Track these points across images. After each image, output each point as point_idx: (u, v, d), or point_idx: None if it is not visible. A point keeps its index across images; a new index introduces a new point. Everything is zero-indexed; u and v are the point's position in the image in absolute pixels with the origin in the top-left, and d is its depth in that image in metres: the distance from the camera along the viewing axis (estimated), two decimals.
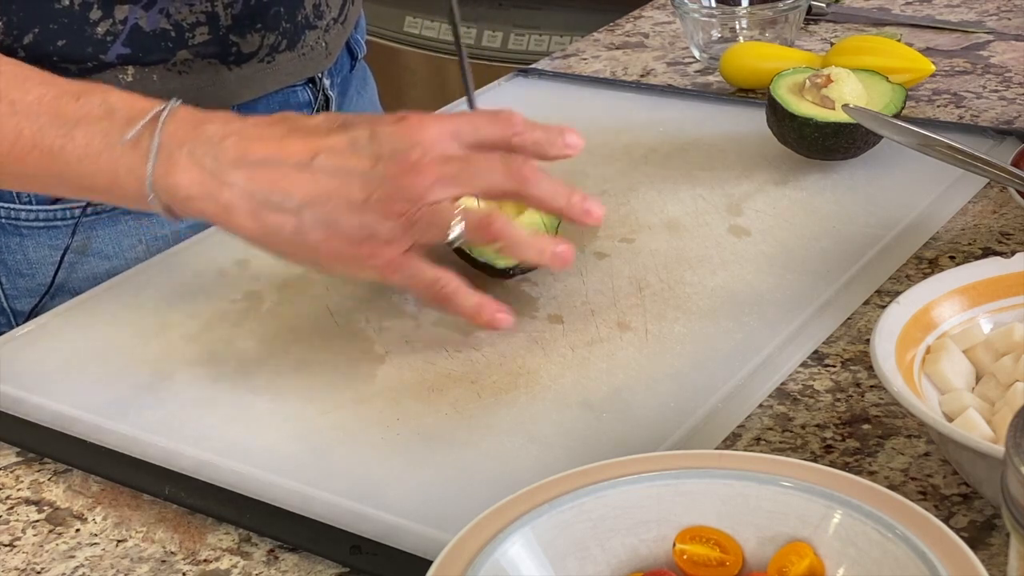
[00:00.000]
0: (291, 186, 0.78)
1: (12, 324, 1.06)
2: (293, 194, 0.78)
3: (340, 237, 0.78)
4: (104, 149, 0.82)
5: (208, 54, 1.02)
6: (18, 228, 1.03)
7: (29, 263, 1.04)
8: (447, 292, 0.81)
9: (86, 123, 0.83)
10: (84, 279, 1.05)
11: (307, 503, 0.72)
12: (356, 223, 0.77)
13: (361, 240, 0.78)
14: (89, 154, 0.82)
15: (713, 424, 0.75)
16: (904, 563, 0.55)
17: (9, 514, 0.75)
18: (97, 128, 0.82)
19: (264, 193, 0.79)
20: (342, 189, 0.77)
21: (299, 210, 0.78)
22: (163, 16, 0.98)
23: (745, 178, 1.03)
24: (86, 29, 0.96)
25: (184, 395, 0.83)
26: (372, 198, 0.77)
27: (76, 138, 0.82)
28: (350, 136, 0.79)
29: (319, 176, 0.78)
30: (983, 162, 0.87)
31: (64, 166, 0.83)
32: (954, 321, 0.73)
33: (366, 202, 0.77)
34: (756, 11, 1.27)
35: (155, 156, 0.80)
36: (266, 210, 0.78)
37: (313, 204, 0.78)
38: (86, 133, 0.82)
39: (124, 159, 0.81)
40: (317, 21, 1.08)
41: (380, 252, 0.78)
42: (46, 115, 0.83)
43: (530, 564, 0.58)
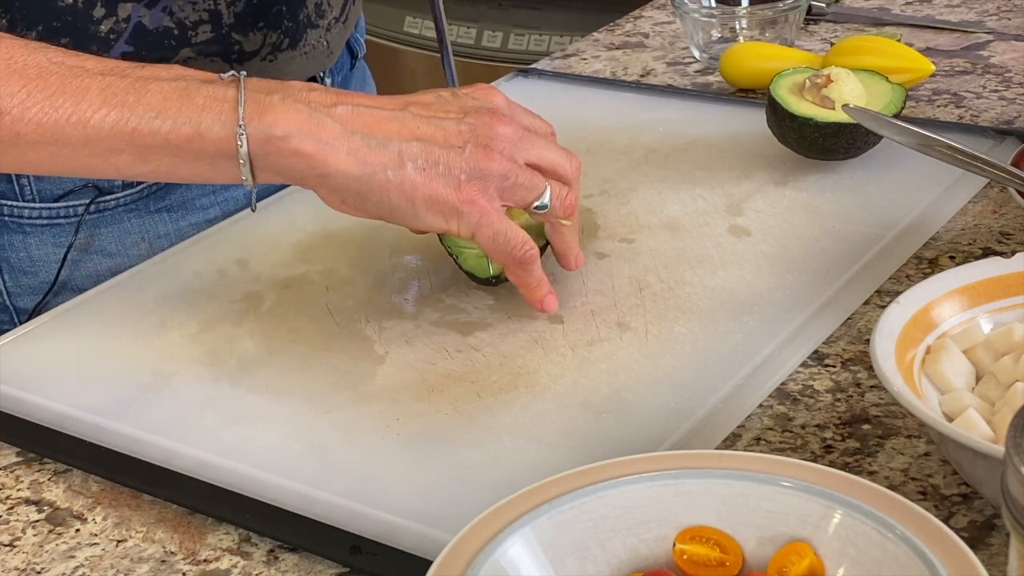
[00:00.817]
0: (390, 127, 0.79)
1: (15, 322, 1.06)
2: (393, 134, 0.79)
3: (441, 179, 0.79)
4: (184, 101, 0.79)
5: (210, 52, 1.02)
6: (21, 226, 1.03)
7: (32, 261, 1.05)
8: (529, 256, 0.83)
9: (157, 82, 0.79)
10: (87, 277, 1.05)
11: (307, 503, 0.72)
12: (454, 165, 0.79)
13: (461, 184, 0.79)
14: (167, 107, 0.78)
15: (713, 424, 0.75)
16: (904, 563, 0.55)
17: (9, 514, 0.75)
18: (171, 85, 0.79)
19: (365, 132, 0.79)
20: (439, 135, 0.79)
21: (400, 150, 0.78)
22: (166, 14, 0.98)
23: (745, 178, 1.03)
24: (89, 27, 0.97)
25: (184, 395, 0.83)
26: (468, 145, 0.80)
27: (151, 92, 0.79)
28: (434, 94, 0.83)
29: (415, 121, 0.80)
30: (983, 162, 0.87)
31: (139, 122, 0.78)
32: (954, 321, 0.73)
33: (463, 149, 0.79)
34: (756, 11, 1.27)
35: (244, 103, 0.78)
36: (367, 148, 0.78)
37: (413, 145, 0.79)
38: (160, 89, 0.79)
39: (208, 108, 0.79)
40: (319, 20, 1.09)
41: (478, 199, 0.79)
42: (111, 75, 0.79)
43: (530, 564, 0.58)
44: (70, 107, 0.78)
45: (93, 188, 1.03)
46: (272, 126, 0.78)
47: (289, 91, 0.80)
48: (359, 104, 0.80)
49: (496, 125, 0.81)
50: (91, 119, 0.78)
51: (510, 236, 0.81)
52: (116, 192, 1.04)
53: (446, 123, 0.80)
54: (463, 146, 0.80)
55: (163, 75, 0.80)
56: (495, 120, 0.81)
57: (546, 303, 0.85)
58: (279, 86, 0.80)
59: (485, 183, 0.80)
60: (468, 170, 0.79)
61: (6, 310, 1.06)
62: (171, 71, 0.81)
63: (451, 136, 0.80)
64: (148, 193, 1.05)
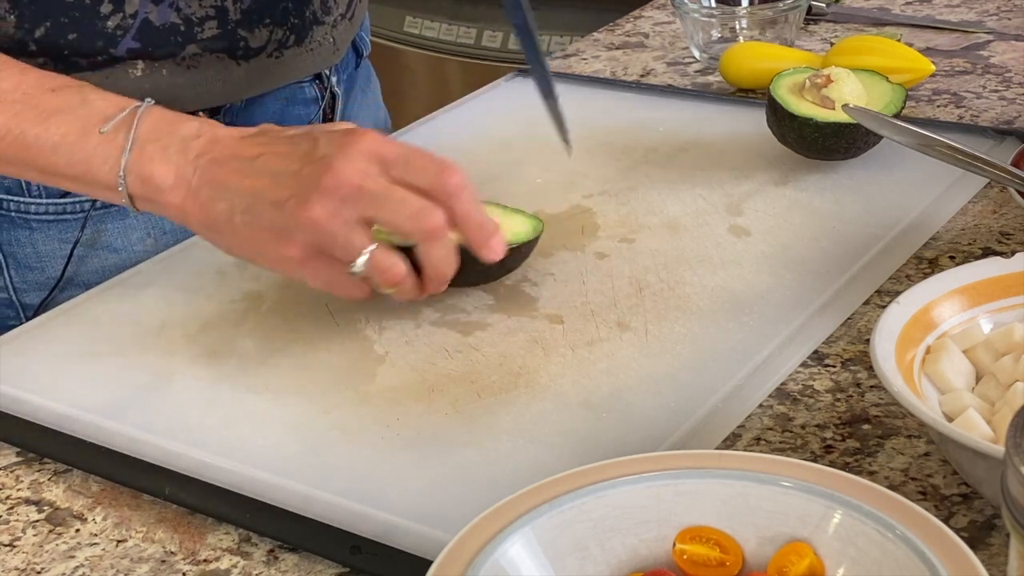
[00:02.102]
0: (231, 180, 0.83)
1: (21, 317, 1.07)
2: (231, 187, 0.83)
3: (260, 230, 0.82)
4: (80, 139, 0.86)
5: (216, 48, 1.02)
6: (28, 221, 1.04)
7: (39, 256, 1.05)
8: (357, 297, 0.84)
9: (62, 114, 0.86)
10: (93, 272, 1.05)
11: (307, 503, 0.72)
12: (271, 219, 0.81)
13: (276, 237, 0.81)
14: (64, 143, 0.86)
15: (713, 424, 0.75)
16: (904, 563, 0.55)
17: (9, 514, 0.75)
18: (73, 118, 0.86)
19: (215, 184, 0.83)
20: (269, 187, 0.81)
21: (233, 204, 0.82)
22: (173, 10, 0.99)
23: (745, 178, 1.03)
24: (97, 23, 0.97)
25: (184, 395, 0.83)
26: (291, 199, 0.80)
27: (51, 127, 0.86)
28: (297, 142, 0.83)
29: (255, 174, 0.82)
30: (983, 162, 0.87)
31: (37, 153, 0.87)
32: (954, 321, 0.73)
33: (286, 201, 0.81)
34: (756, 11, 1.27)
35: (130, 149, 0.85)
36: (212, 201, 0.83)
37: (244, 198, 0.82)
38: (62, 123, 0.86)
39: (99, 149, 0.86)
40: (325, 17, 1.09)
41: (289, 252, 0.81)
42: (21, 103, 0.87)
43: (530, 564, 0.58)
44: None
45: None
46: (147, 179, 0.85)
47: (174, 137, 0.85)
48: (221, 156, 0.84)
49: (324, 176, 0.79)
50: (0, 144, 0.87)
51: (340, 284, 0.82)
52: None
53: (281, 176, 0.81)
54: (285, 201, 0.80)
55: (70, 103, 0.87)
56: (323, 172, 0.80)
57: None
58: (165, 130, 0.85)
59: (302, 237, 0.80)
60: (285, 225, 0.81)
61: (12, 306, 1.07)
62: (80, 97, 0.87)
63: (279, 189, 0.81)
64: None
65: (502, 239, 0.84)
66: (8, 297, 1.07)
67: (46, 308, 1.04)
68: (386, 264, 0.81)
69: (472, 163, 1.09)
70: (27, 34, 0.97)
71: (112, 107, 0.87)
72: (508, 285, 0.90)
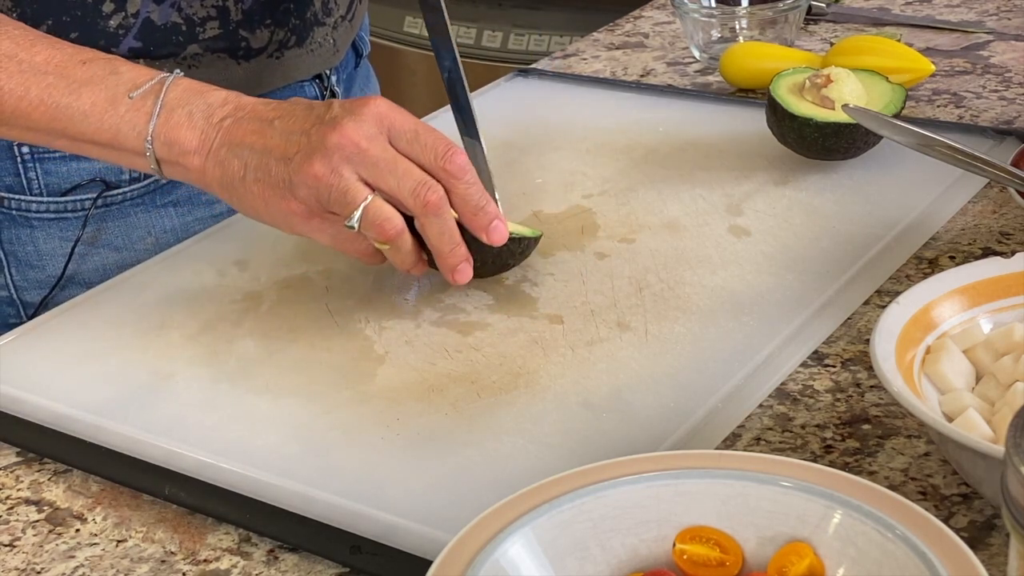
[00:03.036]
0: (247, 139, 0.84)
1: (22, 315, 1.07)
2: (246, 145, 0.84)
3: (268, 186, 0.84)
4: (108, 108, 0.87)
5: (217, 48, 1.03)
6: (28, 220, 1.04)
7: (39, 255, 1.05)
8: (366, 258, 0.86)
9: (92, 84, 0.88)
10: (94, 271, 1.05)
11: (307, 503, 0.72)
12: (278, 174, 0.83)
13: (282, 193, 0.83)
14: (94, 111, 0.87)
15: (713, 424, 0.75)
16: (904, 563, 0.55)
17: (9, 514, 0.75)
18: (102, 88, 0.87)
19: (231, 143, 0.85)
20: (280, 145, 0.83)
21: (247, 162, 0.84)
22: (174, 10, 1.00)
23: (745, 178, 1.03)
24: (99, 22, 0.98)
25: (184, 395, 0.83)
26: (298, 155, 0.82)
27: (82, 96, 0.87)
28: (315, 107, 0.84)
29: (271, 133, 0.84)
30: (983, 162, 0.87)
31: (68, 122, 0.88)
32: (954, 321, 0.73)
33: (293, 157, 0.82)
34: (756, 11, 1.27)
35: (158, 114, 0.86)
36: (228, 160, 0.85)
37: (257, 155, 0.84)
38: (92, 92, 0.87)
39: (128, 116, 0.87)
40: (326, 18, 1.09)
41: (294, 207, 0.83)
42: (53, 75, 0.88)
43: (530, 564, 0.58)
44: (13, 102, 0.88)
45: (100, 182, 1.03)
46: (173, 143, 0.86)
47: (200, 105, 0.87)
48: (242, 117, 0.86)
49: (331, 134, 0.81)
50: (31, 115, 0.88)
51: (350, 243, 0.85)
52: (123, 186, 1.05)
53: (291, 134, 0.83)
54: (292, 156, 0.82)
55: (99, 74, 0.88)
56: (330, 131, 0.81)
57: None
58: (195, 98, 0.87)
59: (304, 192, 0.82)
60: (290, 180, 0.82)
61: (13, 304, 1.07)
62: (109, 68, 0.88)
63: (288, 146, 0.83)
64: (155, 188, 1.06)
65: (504, 225, 0.84)
66: (9, 295, 1.07)
67: (46, 306, 1.04)
68: (381, 217, 0.82)
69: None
70: None
71: (142, 76, 0.88)
72: (508, 285, 0.90)
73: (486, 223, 0.83)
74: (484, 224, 0.83)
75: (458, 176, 0.82)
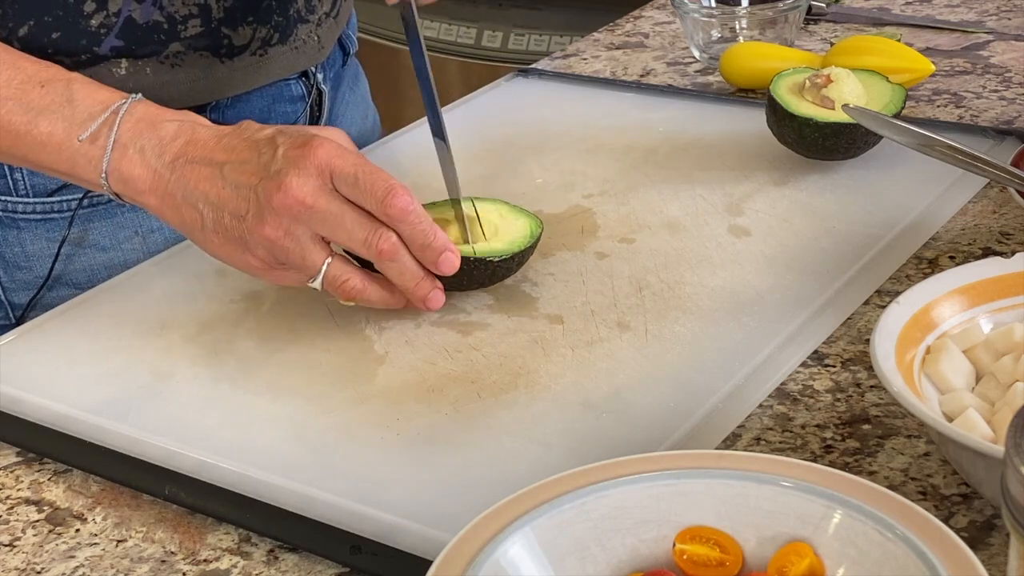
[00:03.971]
0: (200, 187, 0.85)
1: (10, 317, 1.06)
2: (200, 194, 0.85)
3: (227, 239, 0.85)
4: (65, 140, 0.89)
5: (200, 47, 1.02)
6: (15, 221, 1.04)
7: (27, 256, 1.05)
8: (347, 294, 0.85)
9: (49, 112, 0.89)
10: (81, 271, 1.05)
11: (307, 503, 0.72)
12: (235, 230, 0.84)
13: (242, 247, 0.85)
14: (52, 142, 0.89)
15: (713, 424, 0.75)
16: (904, 563, 0.55)
17: (9, 514, 0.75)
18: (59, 118, 0.89)
19: (187, 189, 0.86)
20: (232, 199, 0.84)
21: (203, 210, 0.85)
22: (156, 8, 0.99)
23: (745, 178, 1.03)
24: (80, 21, 0.97)
25: (184, 395, 0.83)
26: (249, 214, 0.83)
27: (40, 125, 0.89)
28: (261, 150, 0.85)
29: (222, 183, 0.85)
30: (983, 162, 0.87)
31: (27, 149, 0.90)
32: (954, 321, 0.73)
33: (245, 216, 0.83)
34: (756, 11, 1.27)
35: (111, 151, 0.88)
36: (184, 207, 0.86)
37: (212, 208, 0.85)
38: (49, 122, 0.89)
39: (83, 149, 0.88)
40: (309, 15, 1.09)
41: (254, 263, 0.85)
42: (12, 99, 0.90)
43: (530, 564, 0.58)
44: None
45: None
46: (127, 181, 0.88)
47: (152, 138, 0.88)
48: (195, 158, 0.86)
49: (275, 194, 0.82)
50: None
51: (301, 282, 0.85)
52: None
53: (240, 189, 0.84)
54: (245, 215, 0.83)
55: (56, 101, 0.89)
56: (275, 189, 0.82)
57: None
58: (146, 132, 0.88)
59: (262, 251, 0.84)
60: (246, 238, 0.84)
61: (1, 305, 1.07)
62: (66, 94, 0.89)
63: (240, 202, 0.84)
64: None
65: (454, 254, 0.85)
66: None
67: (34, 307, 1.04)
68: (341, 279, 0.84)
69: (472, 163, 1.09)
70: (10, 33, 0.97)
71: (98, 104, 0.89)
72: (508, 285, 0.90)
73: (435, 258, 0.84)
74: (433, 259, 0.84)
75: (400, 219, 0.83)
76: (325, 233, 0.83)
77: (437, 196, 0.93)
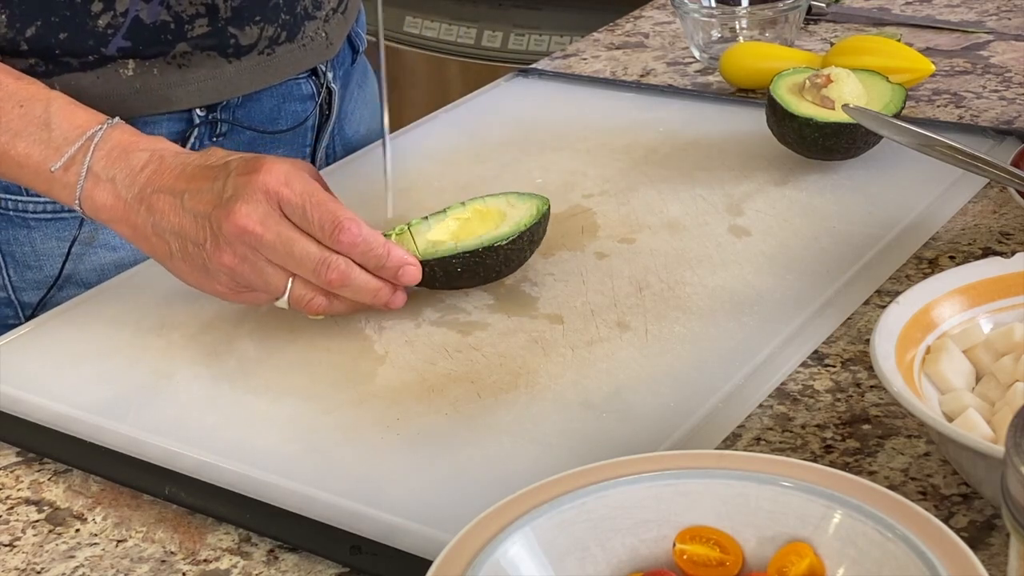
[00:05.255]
0: (165, 219, 0.87)
1: (20, 316, 1.07)
2: (164, 225, 0.87)
3: (194, 269, 0.87)
4: (41, 163, 0.90)
5: (207, 46, 1.02)
6: (26, 220, 1.04)
7: (37, 255, 1.05)
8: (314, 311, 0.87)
9: (27, 135, 0.91)
10: (91, 271, 1.05)
11: (307, 503, 0.72)
12: (198, 258, 0.86)
13: (206, 275, 0.86)
14: (29, 163, 0.91)
15: (713, 424, 0.75)
16: (904, 563, 0.55)
17: (9, 514, 0.75)
18: (36, 141, 0.91)
19: (151, 221, 0.87)
20: (191, 229, 0.86)
21: (169, 240, 0.87)
22: (163, 8, 0.99)
23: (745, 178, 1.03)
24: (87, 22, 0.97)
25: (184, 395, 0.83)
26: (207, 242, 0.85)
27: (17, 147, 0.91)
28: (215, 176, 0.86)
29: (182, 213, 0.86)
30: (983, 162, 0.87)
31: (7, 168, 0.92)
32: (954, 321, 0.73)
33: (204, 245, 0.85)
34: (756, 11, 1.27)
35: (84, 180, 0.89)
36: (154, 235, 0.88)
37: (176, 237, 0.87)
38: (26, 144, 0.91)
39: (58, 175, 0.90)
40: (316, 12, 1.09)
41: (220, 289, 0.87)
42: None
43: (530, 564, 0.58)
44: None
45: None
46: (99, 210, 0.90)
47: (124, 168, 0.89)
48: (160, 187, 0.87)
49: (224, 222, 0.83)
50: None
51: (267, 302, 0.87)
52: None
53: (197, 218, 0.85)
54: (203, 243, 0.85)
55: (34, 124, 0.91)
56: (225, 217, 0.83)
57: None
58: (118, 162, 0.89)
59: (224, 278, 0.85)
60: (208, 266, 0.86)
61: (10, 304, 1.07)
62: (44, 117, 0.91)
63: (198, 231, 0.85)
64: None
65: (413, 266, 0.85)
66: (7, 296, 1.07)
67: (44, 307, 1.04)
68: (306, 299, 0.85)
69: (472, 163, 1.09)
70: (18, 34, 0.97)
71: (74, 129, 0.90)
72: (508, 285, 0.90)
73: (393, 275, 0.85)
74: (392, 276, 0.85)
75: (350, 252, 0.84)
76: (276, 261, 0.84)
77: (439, 196, 0.93)
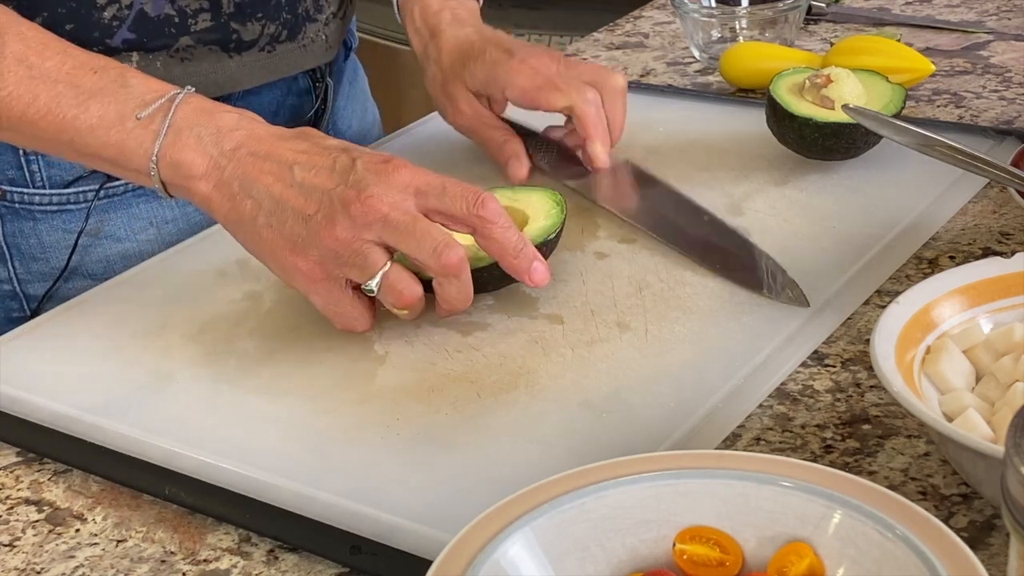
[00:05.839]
0: (263, 180, 0.83)
1: (25, 309, 1.07)
2: (261, 187, 0.83)
3: (279, 236, 0.82)
4: (116, 123, 0.86)
5: (209, 41, 1.03)
6: (32, 212, 1.04)
7: (43, 247, 1.05)
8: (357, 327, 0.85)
9: (101, 96, 0.86)
10: (97, 263, 1.06)
11: (307, 503, 0.72)
12: (293, 229, 0.82)
13: (293, 248, 0.82)
14: (101, 126, 0.86)
15: (713, 424, 0.75)
16: (904, 563, 0.55)
17: (9, 514, 0.75)
18: (111, 101, 0.86)
19: (245, 179, 0.83)
20: (298, 198, 0.82)
21: (261, 203, 0.83)
22: (167, 2, 1.00)
23: (745, 178, 1.03)
24: (93, 13, 0.98)
25: (184, 395, 0.83)
26: (318, 215, 0.81)
27: (90, 109, 0.86)
28: (335, 158, 0.82)
29: (290, 182, 0.82)
30: (983, 162, 0.87)
31: (75, 134, 0.86)
32: (954, 321, 0.73)
33: (312, 217, 0.81)
34: (756, 11, 1.27)
35: (164, 135, 0.85)
36: (241, 194, 0.83)
37: (271, 201, 0.82)
38: (100, 105, 0.86)
39: (134, 133, 0.86)
40: (317, 15, 1.10)
41: (301, 265, 0.82)
42: (63, 83, 0.87)
43: (530, 564, 0.58)
44: (21, 108, 0.87)
45: (102, 174, 1.03)
46: (179, 165, 0.85)
47: (209, 126, 0.85)
48: (259, 152, 0.84)
49: (352, 204, 0.80)
50: (38, 123, 0.87)
51: (342, 309, 0.83)
52: None
53: (312, 191, 0.82)
54: (312, 215, 0.81)
55: (109, 87, 0.87)
56: (354, 199, 0.80)
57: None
58: (202, 119, 0.85)
59: (318, 254, 0.81)
60: (305, 239, 0.81)
61: (16, 297, 1.07)
62: (120, 80, 0.87)
63: (308, 203, 0.81)
64: None
65: (545, 266, 0.84)
66: (12, 289, 1.07)
67: (50, 299, 1.05)
68: (400, 284, 0.82)
69: (472, 163, 1.09)
70: None
71: (151, 92, 0.87)
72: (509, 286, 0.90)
73: (526, 266, 0.83)
74: (525, 267, 0.83)
75: (493, 220, 0.81)
76: (393, 241, 0.80)
77: None
